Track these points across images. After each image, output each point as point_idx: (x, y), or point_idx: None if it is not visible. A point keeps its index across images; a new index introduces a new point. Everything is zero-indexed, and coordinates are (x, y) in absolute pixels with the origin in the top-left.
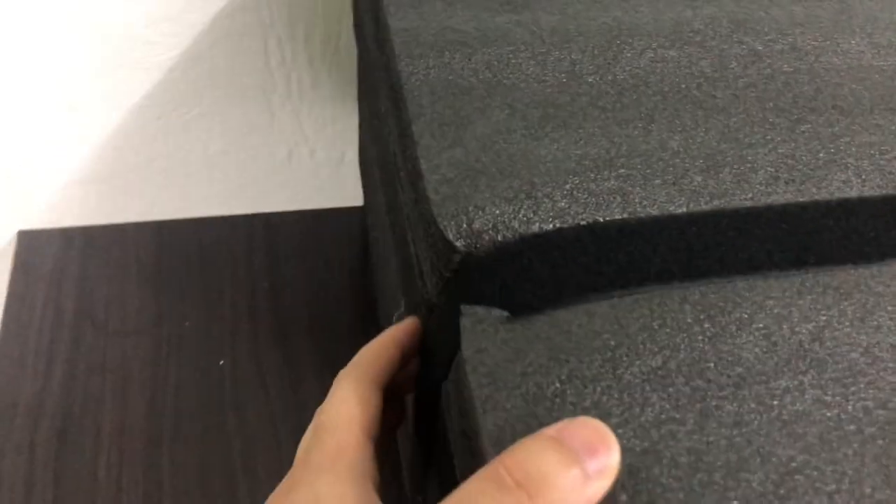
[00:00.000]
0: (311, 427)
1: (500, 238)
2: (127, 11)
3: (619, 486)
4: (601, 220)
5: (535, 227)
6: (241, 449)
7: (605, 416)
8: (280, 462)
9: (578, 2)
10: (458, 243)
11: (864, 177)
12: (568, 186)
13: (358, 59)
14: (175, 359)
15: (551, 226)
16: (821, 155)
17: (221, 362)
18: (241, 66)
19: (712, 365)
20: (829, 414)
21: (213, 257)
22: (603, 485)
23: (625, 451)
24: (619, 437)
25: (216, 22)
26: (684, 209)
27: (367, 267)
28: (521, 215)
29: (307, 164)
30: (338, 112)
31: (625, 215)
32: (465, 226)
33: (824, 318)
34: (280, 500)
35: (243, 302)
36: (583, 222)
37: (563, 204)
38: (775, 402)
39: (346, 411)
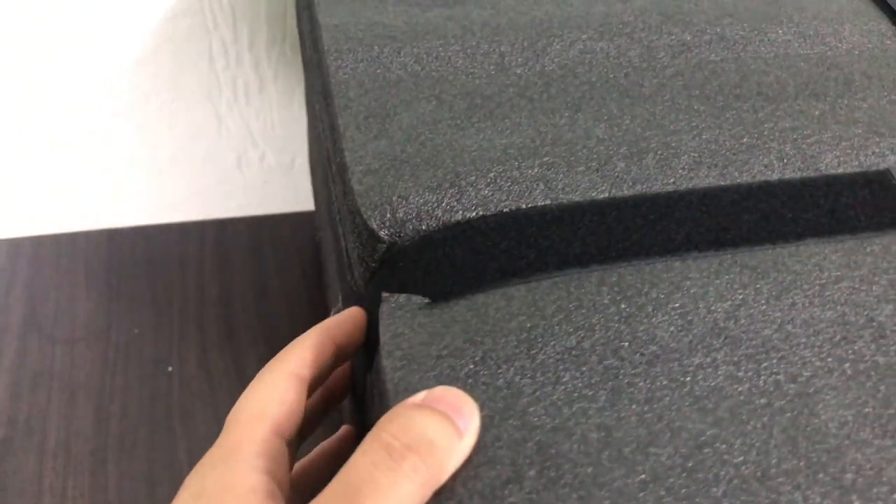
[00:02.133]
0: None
1: (423, 227)
2: (69, 18)
3: (527, 461)
4: (523, 206)
5: (459, 215)
6: (189, 456)
7: (517, 395)
8: None
9: None
10: (382, 233)
11: (785, 160)
12: (492, 175)
13: (303, 60)
14: (122, 366)
15: (474, 213)
16: (744, 140)
17: (170, 369)
18: (186, 70)
19: (627, 344)
20: (740, 389)
21: (163, 265)
22: (471, 442)
23: (535, 428)
24: (529, 415)
25: (159, 26)
26: (606, 194)
27: (319, 271)
28: (444, 204)
29: (257, 169)
30: (286, 116)
31: (547, 201)
32: (388, 216)
33: (740, 296)
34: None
35: (192, 309)
36: (505, 209)
37: (486, 192)
38: (688, 379)
39: (257, 406)
